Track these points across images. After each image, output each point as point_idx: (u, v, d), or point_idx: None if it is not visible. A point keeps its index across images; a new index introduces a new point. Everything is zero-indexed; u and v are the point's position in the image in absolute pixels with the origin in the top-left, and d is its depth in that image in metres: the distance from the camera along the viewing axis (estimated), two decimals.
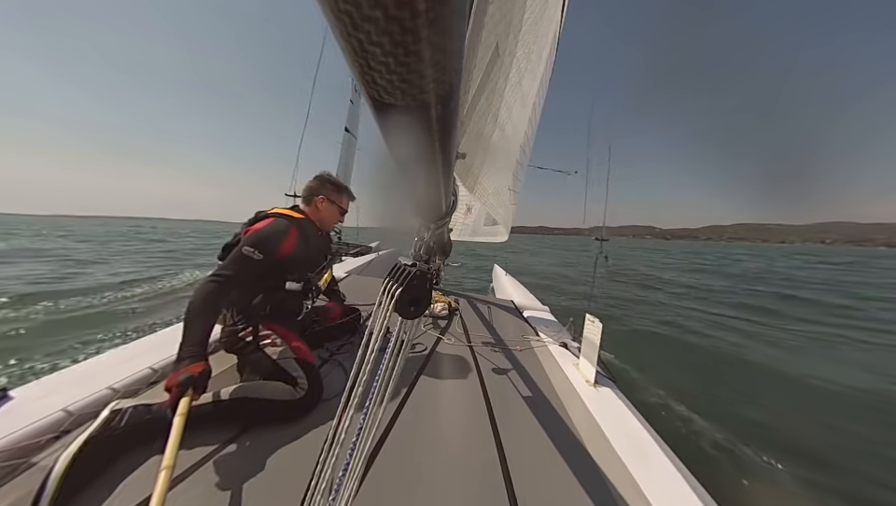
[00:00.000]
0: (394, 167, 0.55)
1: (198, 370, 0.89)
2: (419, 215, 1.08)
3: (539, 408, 1.27)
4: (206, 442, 0.94)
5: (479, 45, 1.22)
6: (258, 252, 1.14)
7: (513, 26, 1.51)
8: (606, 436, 1.06)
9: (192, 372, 0.87)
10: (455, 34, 0.27)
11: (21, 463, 0.81)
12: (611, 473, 0.96)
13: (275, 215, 1.32)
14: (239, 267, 1.12)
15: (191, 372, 0.87)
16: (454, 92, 0.37)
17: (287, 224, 1.28)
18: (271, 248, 1.20)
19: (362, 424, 0.59)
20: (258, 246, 1.15)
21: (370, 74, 0.28)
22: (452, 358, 1.64)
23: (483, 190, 1.92)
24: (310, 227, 1.39)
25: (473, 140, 1.57)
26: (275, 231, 1.24)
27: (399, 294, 0.58)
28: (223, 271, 1.09)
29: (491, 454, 1.00)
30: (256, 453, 0.92)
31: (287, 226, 1.27)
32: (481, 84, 1.47)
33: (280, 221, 1.28)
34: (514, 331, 2.10)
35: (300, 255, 1.32)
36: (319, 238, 1.47)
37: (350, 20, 0.22)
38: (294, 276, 1.38)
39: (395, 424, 1.10)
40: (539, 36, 1.84)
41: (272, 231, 1.24)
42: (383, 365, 0.61)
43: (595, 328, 1.40)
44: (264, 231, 1.22)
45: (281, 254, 1.24)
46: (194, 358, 0.91)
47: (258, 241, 1.18)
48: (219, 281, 1.06)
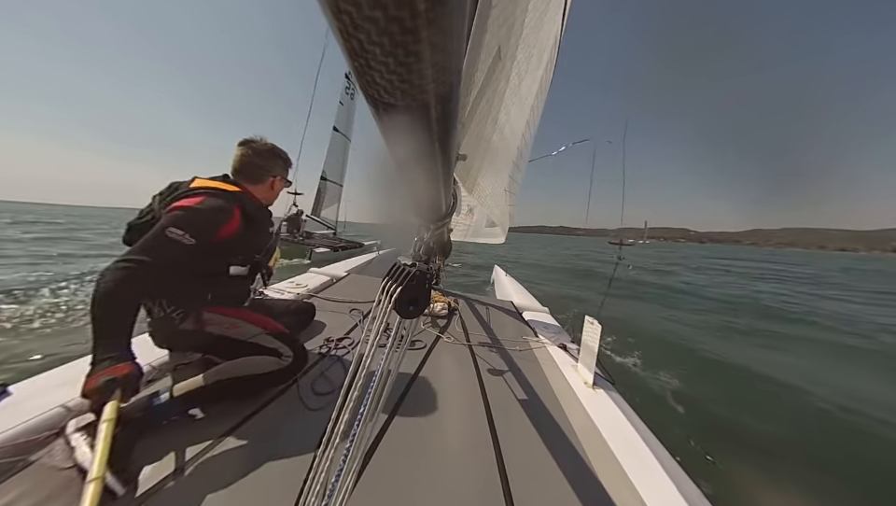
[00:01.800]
0: (394, 167, 0.55)
1: (123, 372, 0.78)
2: (419, 215, 1.08)
3: (537, 409, 1.27)
4: (200, 439, 0.93)
5: (481, 48, 1.23)
6: (188, 235, 0.95)
7: (515, 30, 1.52)
8: (604, 438, 1.06)
9: (115, 375, 0.76)
10: (455, 34, 0.27)
11: (20, 460, 0.81)
12: (609, 475, 0.96)
13: (207, 191, 1.08)
14: (159, 251, 0.92)
15: (113, 374, 0.76)
16: (454, 93, 0.37)
17: (228, 204, 1.08)
18: (207, 232, 1.01)
19: (359, 421, 0.59)
20: (188, 229, 0.95)
21: (369, 74, 0.28)
22: (451, 358, 1.64)
23: (481, 192, 1.93)
24: (253, 205, 1.19)
25: (473, 142, 1.58)
26: (213, 210, 1.04)
27: (399, 294, 0.59)
28: (136, 255, 0.88)
29: (489, 454, 1.00)
30: (250, 450, 0.92)
31: (227, 206, 1.08)
32: (482, 87, 1.48)
33: (216, 200, 1.06)
34: (514, 332, 2.10)
35: (244, 238, 1.15)
36: (265, 217, 1.29)
37: (350, 20, 0.22)
38: (238, 260, 1.21)
39: (392, 422, 1.09)
40: (539, 40, 1.85)
41: (208, 211, 1.03)
42: (381, 363, 0.61)
43: (593, 330, 1.40)
44: (197, 211, 1.01)
45: (220, 238, 1.06)
46: (116, 359, 0.79)
47: (188, 222, 0.97)
48: (132, 267, 0.86)
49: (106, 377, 0.76)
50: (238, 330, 1.15)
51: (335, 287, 2.79)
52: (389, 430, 1.05)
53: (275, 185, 1.29)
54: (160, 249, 0.92)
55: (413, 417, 1.14)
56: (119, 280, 0.84)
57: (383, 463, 0.92)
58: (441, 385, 1.38)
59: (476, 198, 1.93)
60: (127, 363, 0.80)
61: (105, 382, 0.75)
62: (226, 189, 1.12)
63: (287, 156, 1.33)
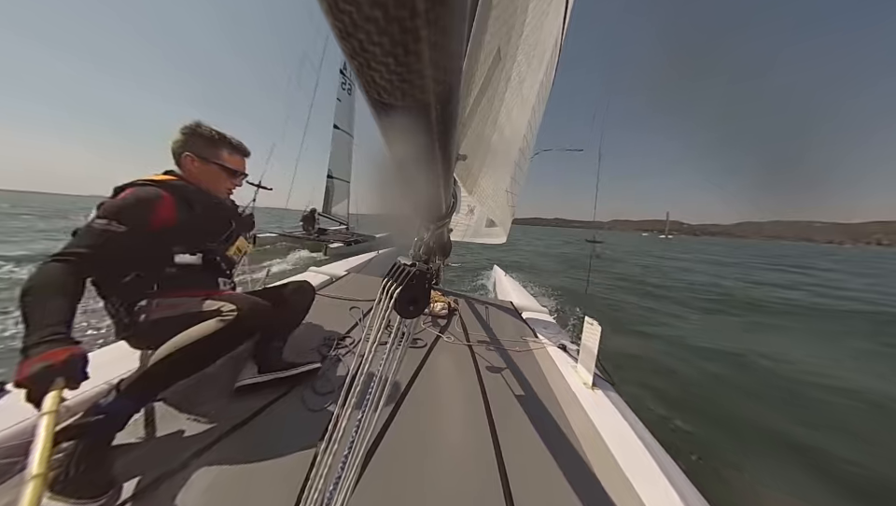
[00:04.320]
0: (394, 167, 0.55)
1: (61, 357, 0.69)
2: (419, 215, 1.08)
3: (536, 409, 1.27)
4: (200, 441, 0.93)
5: (481, 49, 1.23)
6: (115, 222, 0.95)
7: (515, 30, 1.53)
8: (603, 439, 1.06)
9: (51, 361, 0.68)
10: (455, 34, 0.27)
11: (18, 461, 0.80)
12: (608, 476, 0.96)
13: (134, 183, 1.10)
14: (93, 242, 0.91)
15: (49, 359, 0.68)
16: (454, 93, 0.37)
17: (155, 190, 1.08)
18: (136, 217, 1.00)
19: (360, 419, 0.59)
20: (115, 217, 0.96)
21: (369, 74, 0.28)
22: (451, 358, 1.64)
23: (481, 192, 1.93)
24: (190, 190, 1.17)
25: (474, 142, 1.58)
26: (139, 197, 1.04)
27: (399, 293, 0.59)
28: (72, 248, 0.88)
29: (488, 453, 1.00)
30: (251, 451, 0.92)
31: (154, 192, 1.07)
32: (482, 87, 1.48)
33: (143, 189, 1.07)
34: (513, 332, 2.10)
35: (185, 223, 1.13)
36: (211, 203, 1.25)
37: (350, 20, 0.22)
38: (182, 248, 1.17)
39: (393, 421, 1.10)
40: (539, 41, 1.86)
41: (134, 198, 1.03)
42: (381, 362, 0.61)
43: (593, 330, 1.40)
44: (124, 200, 1.02)
45: (155, 224, 1.05)
46: (53, 343, 0.71)
47: (115, 210, 0.97)
48: (69, 260, 0.86)
49: (43, 363, 0.68)
50: (179, 309, 1.10)
51: (335, 285, 2.79)
52: (389, 430, 1.05)
53: (190, 165, 1.20)
54: (90, 240, 0.92)
55: (413, 417, 1.14)
56: (53, 271, 0.83)
57: (383, 463, 0.92)
58: (441, 384, 1.38)
59: (477, 198, 1.93)
60: (65, 347, 0.72)
61: (41, 368, 0.67)
62: (156, 179, 1.13)
63: (216, 134, 1.23)
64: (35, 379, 0.67)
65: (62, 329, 0.75)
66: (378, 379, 0.62)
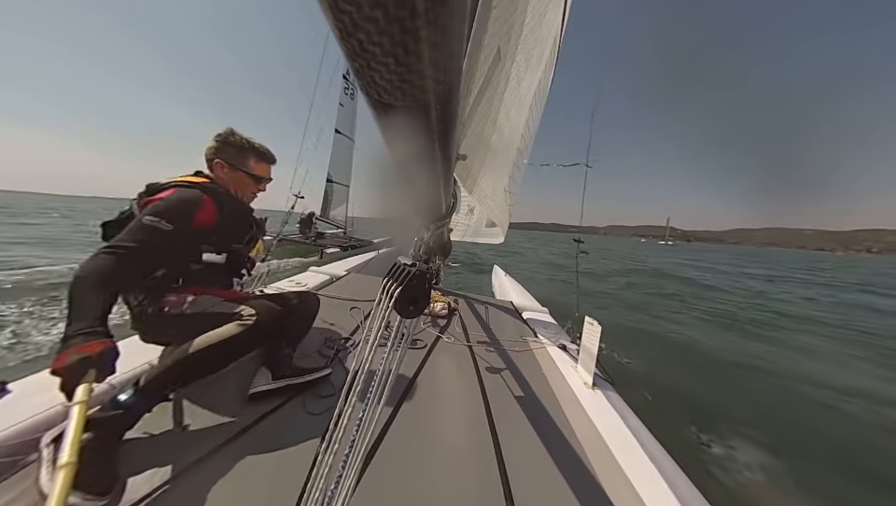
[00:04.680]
0: (394, 167, 0.55)
1: (96, 349, 0.73)
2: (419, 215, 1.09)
3: (536, 409, 1.27)
4: (201, 444, 0.93)
5: (481, 49, 1.23)
6: (165, 221, 1.01)
7: (515, 30, 1.53)
8: (603, 438, 1.06)
9: (88, 353, 0.72)
10: (455, 34, 0.27)
11: (19, 459, 0.81)
12: (608, 476, 0.96)
13: (177, 184, 1.16)
14: (142, 237, 0.97)
15: (86, 351, 0.72)
16: (454, 93, 0.37)
17: (198, 193, 1.15)
18: (183, 218, 1.07)
19: (361, 419, 0.59)
20: (164, 216, 1.02)
21: (369, 74, 0.28)
22: (451, 358, 1.64)
23: (481, 192, 1.93)
24: (221, 193, 1.24)
25: (473, 142, 1.58)
26: (185, 199, 1.10)
27: (399, 293, 0.59)
28: (122, 242, 0.93)
29: (488, 453, 1.00)
30: (252, 453, 0.92)
31: (197, 195, 1.14)
32: (482, 87, 1.48)
33: (188, 190, 1.13)
34: (513, 332, 2.10)
35: (219, 225, 1.20)
36: (238, 206, 1.32)
37: (350, 20, 0.22)
38: (212, 247, 1.24)
39: (393, 421, 1.10)
40: (539, 41, 1.85)
41: (180, 200, 1.09)
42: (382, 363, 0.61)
43: (593, 330, 1.40)
44: (170, 200, 1.08)
45: (197, 225, 1.13)
46: (90, 336, 0.75)
47: (164, 210, 1.03)
48: (119, 253, 0.90)
49: (79, 355, 0.71)
50: (195, 305, 1.13)
51: (335, 285, 2.79)
52: (390, 430, 1.05)
53: (219, 171, 1.27)
54: (140, 236, 0.97)
55: (413, 417, 1.14)
56: (103, 263, 0.87)
57: (384, 463, 0.92)
58: (441, 385, 1.38)
59: (476, 198, 1.94)
60: (101, 340, 0.76)
61: (77, 360, 0.71)
62: (194, 181, 1.19)
63: (247, 142, 1.30)
64: (71, 369, 0.70)
65: (99, 322, 0.80)
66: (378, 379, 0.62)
